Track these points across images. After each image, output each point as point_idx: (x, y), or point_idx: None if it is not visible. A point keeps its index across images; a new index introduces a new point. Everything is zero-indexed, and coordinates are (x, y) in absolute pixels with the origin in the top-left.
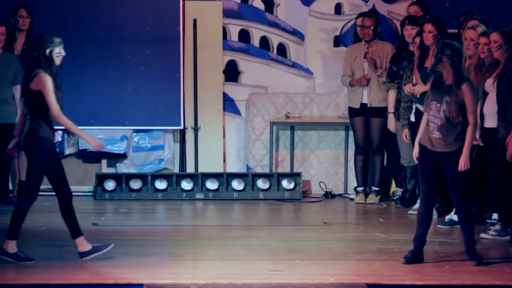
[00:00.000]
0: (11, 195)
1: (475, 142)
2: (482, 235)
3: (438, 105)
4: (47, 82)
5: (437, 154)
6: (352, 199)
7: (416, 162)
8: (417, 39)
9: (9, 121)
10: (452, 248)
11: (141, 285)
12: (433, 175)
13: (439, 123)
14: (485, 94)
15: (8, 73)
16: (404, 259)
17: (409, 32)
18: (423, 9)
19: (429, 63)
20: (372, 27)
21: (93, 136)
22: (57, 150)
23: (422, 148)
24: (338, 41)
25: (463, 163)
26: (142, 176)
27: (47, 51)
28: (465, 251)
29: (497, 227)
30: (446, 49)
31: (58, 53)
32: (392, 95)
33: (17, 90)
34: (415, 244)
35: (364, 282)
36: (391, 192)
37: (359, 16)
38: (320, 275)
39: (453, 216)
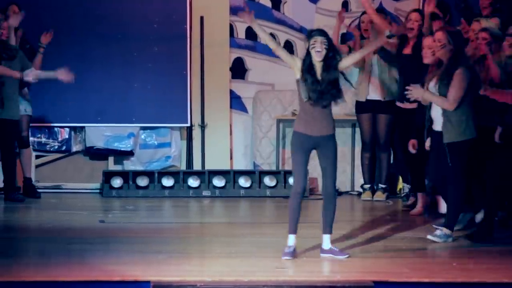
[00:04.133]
0: (18, 192)
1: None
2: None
3: None
4: None
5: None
6: (359, 194)
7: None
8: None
9: (14, 118)
10: (459, 246)
11: (148, 282)
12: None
13: None
14: None
15: (14, 68)
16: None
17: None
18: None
19: (408, 50)
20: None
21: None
22: (64, 147)
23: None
24: (345, 38)
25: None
26: (149, 173)
27: None
28: None
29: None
30: None
31: None
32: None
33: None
34: None
35: (370, 280)
36: (398, 189)
37: (363, 13)
38: (327, 272)
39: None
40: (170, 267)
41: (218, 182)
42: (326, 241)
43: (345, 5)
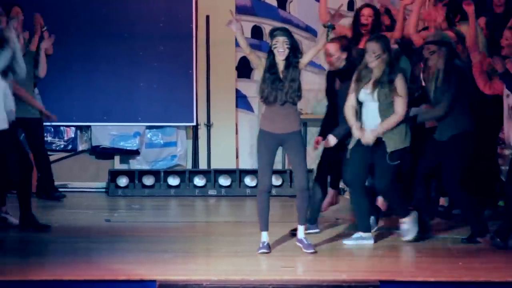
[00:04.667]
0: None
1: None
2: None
3: None
4: None
5: None
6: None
7: None
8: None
9: (35, 116)
10: (465, 245)
11: (154, 281)
12: None
13: None
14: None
15: (28, 68)
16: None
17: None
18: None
19: (362, 46)
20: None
21: None
22: (70, 146)
23: None
24: None
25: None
26: (154, 173)
27: None
28: None
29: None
30: None
31: None
32: None
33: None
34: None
35: (377, 279)
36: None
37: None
38: (333, 272)
39: None
40: (176, 266)
41: (224, 181)
42: (300, 231)
43: (351, 4)
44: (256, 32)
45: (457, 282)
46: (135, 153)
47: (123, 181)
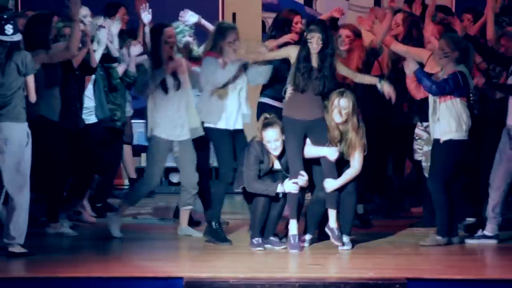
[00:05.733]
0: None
1: None
2: None
3: None
4: None
5: None
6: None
7: None
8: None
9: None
10: (492, 243)
11: (181, 278)
12: None
13: None
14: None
15: None
16: None
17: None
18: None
19: None
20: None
21: None
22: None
23: None
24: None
25: None
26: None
27: None
28: None
29: None
30: None
31: None
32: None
33: None
34: None
35: (404, 277)
36: None
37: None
38: (360, 269)
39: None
40: (202, 264)
41: None
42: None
43: (378, 2)
44: None
45: (484, 279)
46: None
47: None
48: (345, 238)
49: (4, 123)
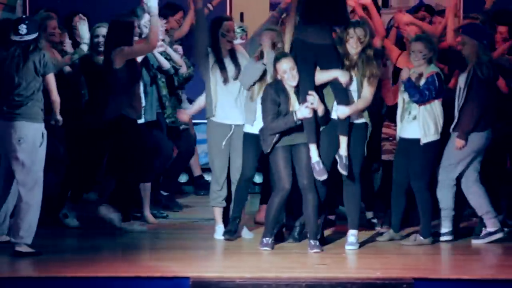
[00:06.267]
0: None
1: None
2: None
3: None
4: None
5: None
6: None
7: None
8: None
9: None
10: (499, 244)
11: (188, 278)
12: None
13: None
14: None
15: None
16: None
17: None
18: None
19: None
20: None
21: None
22: None
23: None
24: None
25: None
26: (189, 170)
27: None
28: None
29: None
30: None
31: None
32: None
33: None
34: None
35: (411, 276)
36: None
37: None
38: (367, 269)
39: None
40: (209, 263)
41: (257, 178)
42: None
43: (386, 2)
44: None
45: (490, 280)
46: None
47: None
48: (353, 238)
49: (20, 122)
